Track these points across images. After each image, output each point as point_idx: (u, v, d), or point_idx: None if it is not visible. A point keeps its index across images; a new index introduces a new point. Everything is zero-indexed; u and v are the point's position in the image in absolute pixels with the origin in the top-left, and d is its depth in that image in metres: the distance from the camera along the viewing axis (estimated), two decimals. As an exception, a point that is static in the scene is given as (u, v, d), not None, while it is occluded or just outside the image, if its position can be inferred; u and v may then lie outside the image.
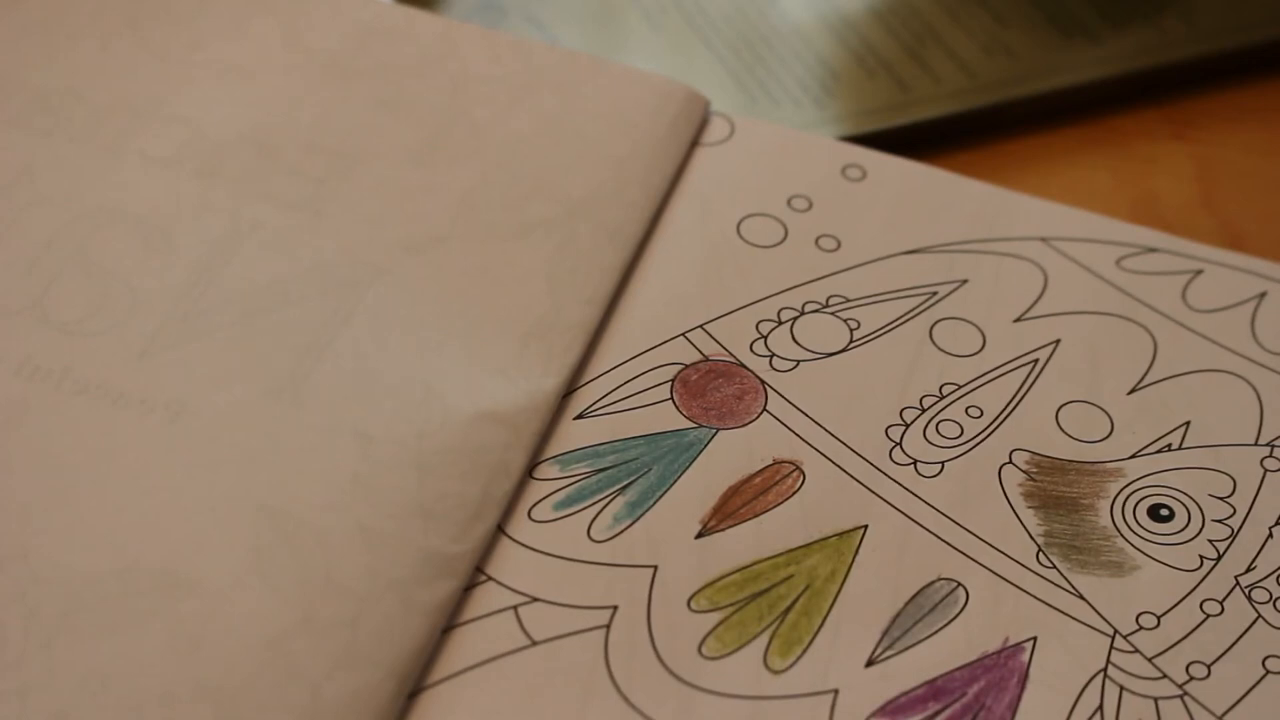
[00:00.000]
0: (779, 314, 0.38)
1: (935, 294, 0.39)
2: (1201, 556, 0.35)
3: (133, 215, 0.37)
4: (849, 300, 0.39)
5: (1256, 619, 0.34)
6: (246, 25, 0.42)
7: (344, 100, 0.41)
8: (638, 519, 0.34)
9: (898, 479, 0.36)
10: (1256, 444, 0.37)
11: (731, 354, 0.37)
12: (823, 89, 0.46)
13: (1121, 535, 0.35)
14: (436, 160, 0.39)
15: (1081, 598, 0.34)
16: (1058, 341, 0.38)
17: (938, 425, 0.37)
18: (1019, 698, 0.32)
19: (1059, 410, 0.37)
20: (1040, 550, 0.35)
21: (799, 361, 0.37)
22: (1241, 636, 0.34)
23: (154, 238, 0.37)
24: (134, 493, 0.33)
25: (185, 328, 0.35)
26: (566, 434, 0.36)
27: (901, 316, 0.38)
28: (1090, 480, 0.36)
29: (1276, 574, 0.35)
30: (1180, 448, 0.37)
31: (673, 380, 0.37)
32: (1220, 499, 0.36)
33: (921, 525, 0.35)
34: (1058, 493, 0.36)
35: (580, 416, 0.36)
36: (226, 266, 0.37)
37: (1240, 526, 0.35)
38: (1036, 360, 0.38)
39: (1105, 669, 0.33)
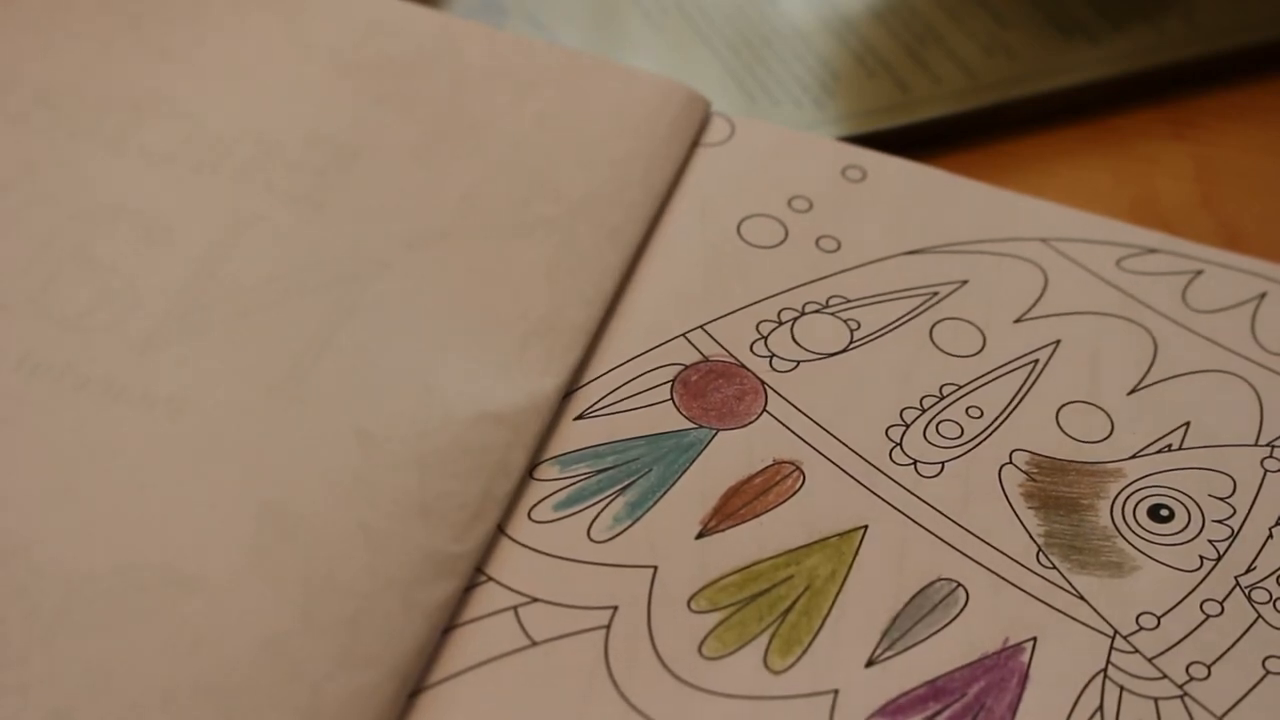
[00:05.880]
0: (779, 314, 0.38)
1: (935, 294, 0.39)
2: (1201, 557, 0.35)
3: (133, 210, 0.37)
4: (849, 301, 0.39)
5: (1256, 619, 0.34)
6: (247, 21, 0.42)
7: (344, 94, 0.41)
8: (638, 519, 0.34)
9: (898, 479, 0.36)
10: (1256, 444, 0.37)
11: (731, 354, 0.37)
12: (823, 89, 0.46)
13: (1121, 535, 0.35)
14: (437, 157, 0.39)
15: (1081, 598, 0.34)
16: (1058, 342, 0.38)
17: (938, 425, 0.37)
18: (1019, 698, 0.32)
19: (1059, 410, 0.37)
20: (1040, 550, 0.35)
21: (799, 362, 0.37)
22: (1241, 637, 0.34)
23: (155, 232, 0.37)
24: (134, 488, 0.33)
25: (186, 323, 0.35)
26: (566, 434, 0.36)
27: (902, 317, 0.38)
28: (1090, 480, 0.36)
29: (1276, 574, 0.35)
30: (1180, 448, 0.37)
31: (673, 381, 0.37)
32: (1220, 499, 0.36)
33: (921, 525, 0.35)
34: (1058, 493, 0.36)
35: (580, 417, 0.36)
36: (227, 261, 0.37)
37: (1240, 527, 0.35)
38: (1037, 361, 0.38)
39: (1105, 669, 0.33)
